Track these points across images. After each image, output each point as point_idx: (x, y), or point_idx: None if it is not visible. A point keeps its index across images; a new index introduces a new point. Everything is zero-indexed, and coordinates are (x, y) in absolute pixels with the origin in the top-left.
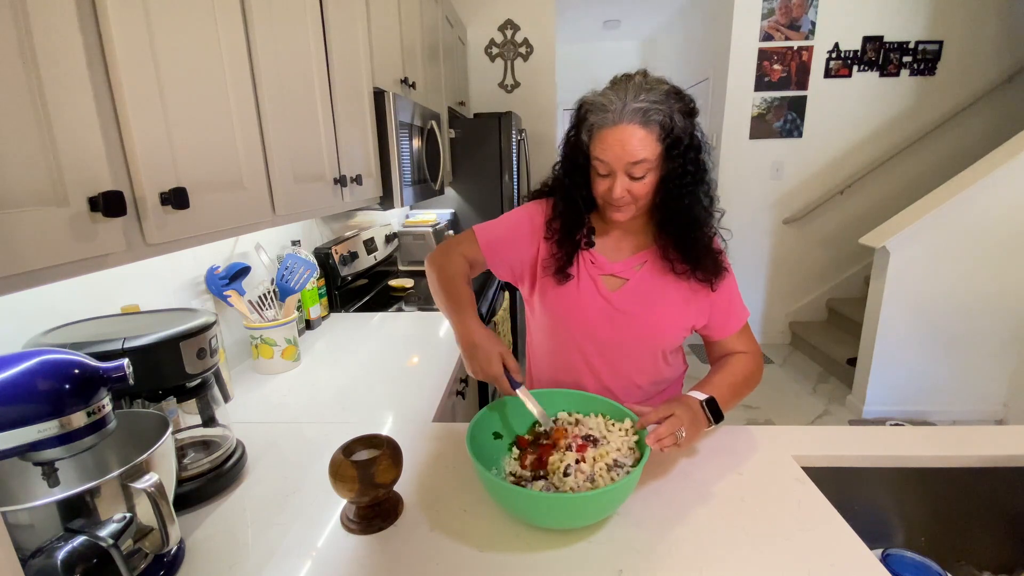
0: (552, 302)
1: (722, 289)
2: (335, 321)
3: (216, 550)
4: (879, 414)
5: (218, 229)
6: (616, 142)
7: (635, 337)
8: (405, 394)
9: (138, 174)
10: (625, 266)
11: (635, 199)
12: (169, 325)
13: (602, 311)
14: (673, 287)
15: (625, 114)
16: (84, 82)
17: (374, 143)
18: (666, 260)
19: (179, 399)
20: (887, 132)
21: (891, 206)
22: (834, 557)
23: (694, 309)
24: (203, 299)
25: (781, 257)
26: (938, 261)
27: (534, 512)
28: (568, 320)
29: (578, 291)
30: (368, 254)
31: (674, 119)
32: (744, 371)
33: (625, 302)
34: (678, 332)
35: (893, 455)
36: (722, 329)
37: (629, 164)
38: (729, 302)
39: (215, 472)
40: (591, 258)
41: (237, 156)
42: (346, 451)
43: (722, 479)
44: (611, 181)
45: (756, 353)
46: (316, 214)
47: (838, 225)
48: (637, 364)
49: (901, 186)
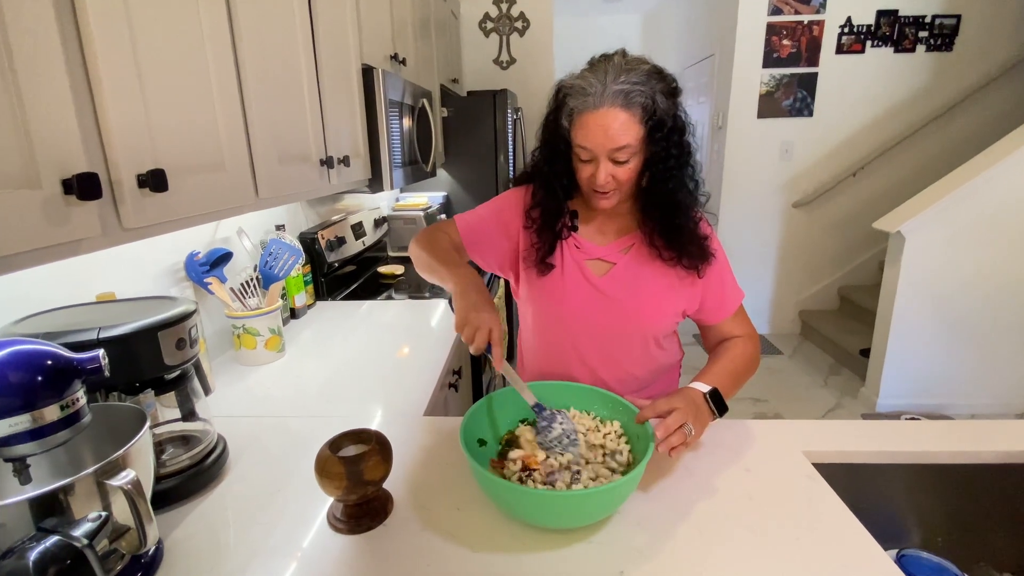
0: (537, 293)
1: (712, 274)
2: (321, 310)
3: (196, 550)
4: (894, 408)
5: (198, 213)
6: (598, 127)
7: (625, 323)
8: (395, 386)
9: (114, 155)
10: (611, 250)
11: (619, 184)
12: (147, 314)
13: (589, 297)
14: (661, 271)
15: (606, 97)
16: (58, 59)
17: (362, 123)
18: (652, 246)
19: (157, 392)
20: (902, 111)
21: (906, 188)
22: (846, 558)
23: (685, 294)
24: (182, 287)
25: (790, 242)
26: (956, 246)
27: (530, 511)
28: (555, 309)
29: (563, 279)
30: (356, 239)
31: (656, 100)
32: (743, 356)
33: (612, 287)
34: (669, 317)
35: (909, 451)
36: (716, 313)
37: (612, 150)
38: (721, 286)
39: (195, 469)
40: (575, 243)
41: (218, 136)
42: (333, 446)
43: (728, 476)
44: (594, 167)
45: (752, 336)
46: (301, 197)
47: (850, 209)
48: (629, 352)
49: (917, 167)
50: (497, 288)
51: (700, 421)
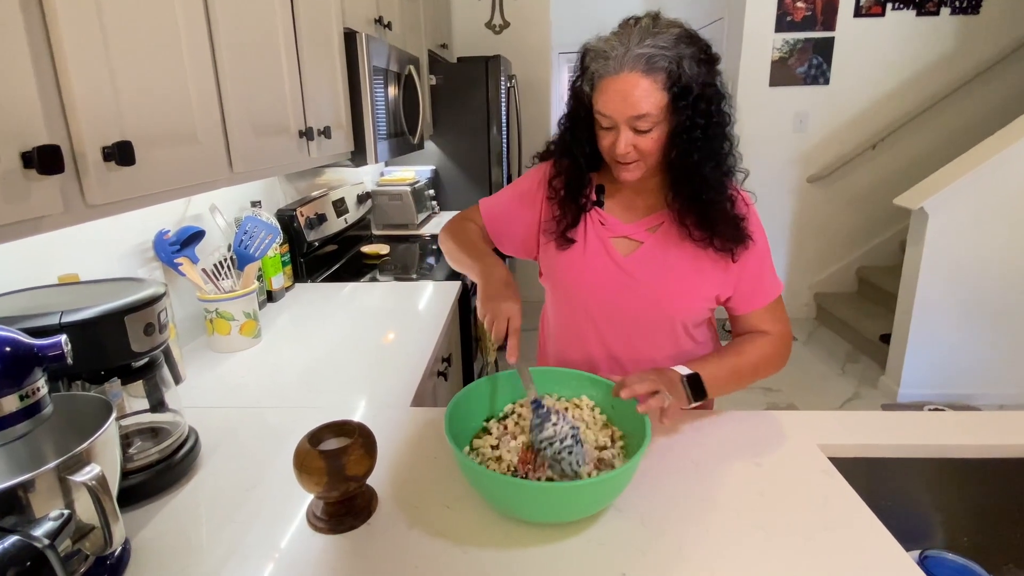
0: (556, 269)
1: (750, 259)
2: (300, 292)
3: (165, 551)
4: (916, 398)
5: (168, 188)
6: (616, 93)
7: (650, 307)
8: (380, 375)
9: (78, 126)
10: (638, 228)
11: (643, 155)
12: (113, 297)
13: (612, 277)
14: (692, 253)
15: (627, 61)
16: (16, 22)
17: (344, 91)
18: (682, 225)
19: (124, 381)
20: (925, 78)
21: (929, 162)
22: (865, 559)
23: (717, 280)
24: (151, 268)
25: (805, 220)
26: (982, 224)
27: (518, 503)
28: (575, 288)
29: (584, 255)
30: (338, 216)
31: (683, 65)
32: (757, 355)
33: (638, 267)
34: (699, 303)
35: (932, 444)
36: (746, 303)
37: (632, 117)
38: (759, 273)
39: (165, 463)
40: (600, 219)
41: (190, 106)
42: (313, 439)
43: (738, 471)
44: (615, 136)
45: (781, 336)
46: (279, 171)
47: (869, 184)
48: (654, 338)
49: (941, 140)
50: None
51: (674, 394)
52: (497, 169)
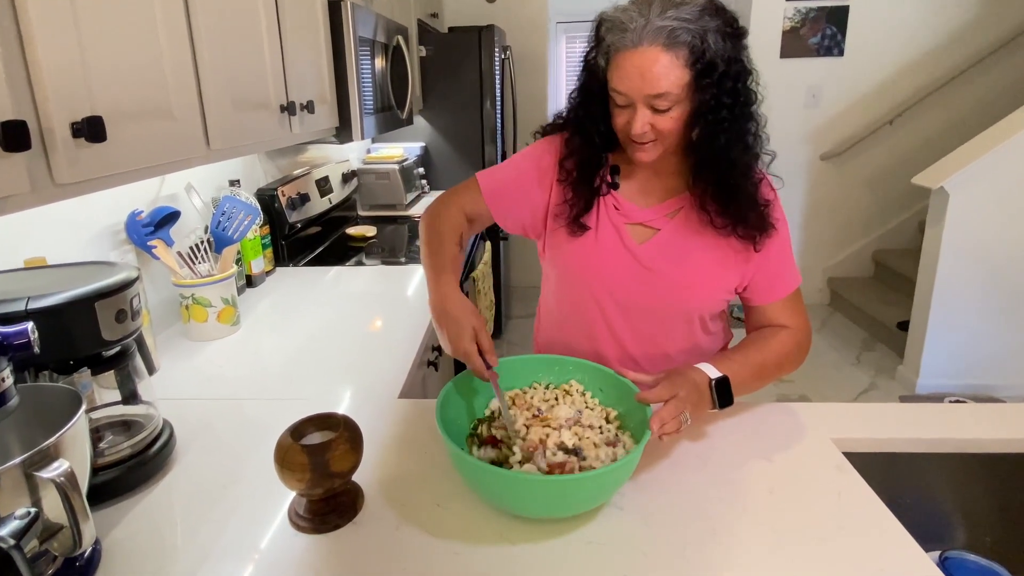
0: (566, 256)
1: (771, 248)
2: (282, 277)
3: (138, 552)
4: (936, 389)
5: (141, 166)
6: (634, 69)
7: (666, 299)
8: (366, 365)
9: (45, 101)
10: (655, 213)
11: (660, 136)
12: (82, 281)
13: (626, 267)
14: (712, 242)
15: (646, 34)
16: None
17: (329, 63)
18: (704, 211)
19: (94, 371)
20: (946, 49)
21: (950, 139)
22: (882, 561)
23: (738, 270)
24: (123, 251)
25: (818, 200)
26: (1006, 204)
27: (513, 497)
28: (585, 278)
29: (597, 242)
30: (321, 196)
31: (708, 40)
32: (779, 351)
33: (654, 257)
34: (718, 295)
35: (953, 438)
36: (765, 294)
37: (650, 96)
38: (779, 263)
39: (137, 459)
40: (615, 203)
41: (164, 79)
42: (295, 433)
43: (747, 467)
44: (631, 114)
45: (801, 330)
46: (259, 148)
47: (886, 162)
48: (668, 332)
49: (963, 115)
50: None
51: (699, 410)
52: (491, 146)
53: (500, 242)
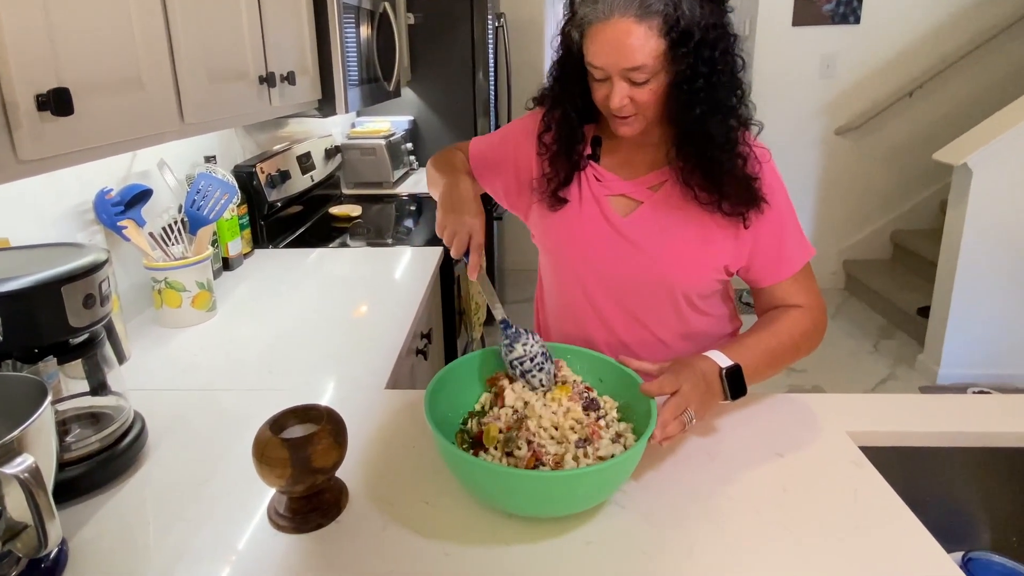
0: (547, 231)
1: (764, 224)
2: (261, 259)
3: (107, 553)
4: (959, 379)
5: (111, 141)
6: (607, 42)
7: (649, 276)
8: (351, 353)
9: (7, 71)
10: (638, 186)
11: (640, 109)
12: (48, 264)
13: (608, 241)
14: (697, 218)
15: (617, 5)
16: None
17: (311, 32)
18: (687, 186)
19: (61, 360)
20: (971, 15)
21: (974, 112)
22: (902, 562)
23: (727, 247)
24: (91, 231)
25: (832, 177)
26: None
27: (507, 494)
28: (567, 253)
29: (579, 217)
30: (303, 174)
31: (681, 7)
32: (793, 333)
33: (637, 230)
34: (705, 273)
35: (976, 431)
36: (768, 274)
37: (626, 69)
38: (778, 240)
39: (107, 453)
40: (596, 175)
41: (135, 48)
42: (275, 426)
43: (757, 462)
44: (608, 88)
45: (815, 308)
46: (236, 122)
47: (906, 136)
48: (656, 312)
49: (988, 86)
50: None
51: (706, 405)
52: (484, 119)
53: (495, 222)
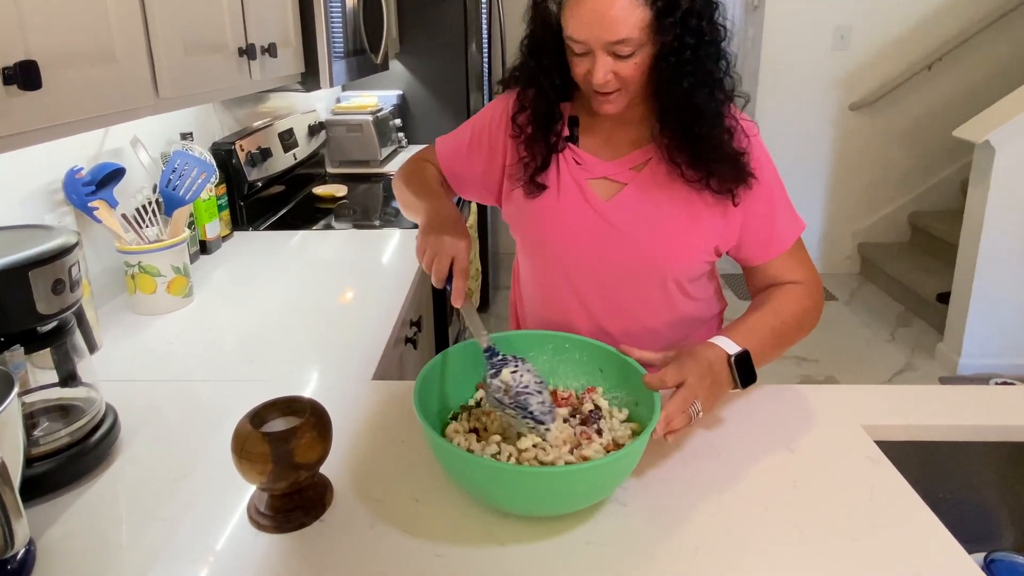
0: (525, 219)
1: (754, 200)
2: (240, 242)
3: (77, 553)
4: (980, 369)
5: (81, 117)
6: (589, 13)
7: (636, 262)
8: (335, 342)
9: None
10: (620, 166)
11: (624, 83)
12: (14, 248)
13: (591, 226)
14: (684, 196)
15: None
16: None
17: (293, 1)
18: (673, 163)
19: (28, 349)
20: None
21: (997, 86)
22: (920, 563)
23: (716, 226)
24: (61, 212)
25: (847, 156)
26: None
27: (502, 491)
28: (548, 241)
29: (559, 202)
30: (285, 152)
31: None
32: (794, 310)
33: (620, 214)
34: (696, 255)
35: (999, 425)
36: (761, 251)
37: (609, 42)
38: (768, 215)
39: (77, 448)
40: (575, 157)
41: (107, 18)
42: (255, 420)
43: (766, 457)
44: (590, 63)
45: (812, 282)
46: (215, 97)
47: (924, 112)
48: (642, 299)
49: (1010, 58)
50: (469, 217)
51: (713, 395)
52: (476, 94)
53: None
